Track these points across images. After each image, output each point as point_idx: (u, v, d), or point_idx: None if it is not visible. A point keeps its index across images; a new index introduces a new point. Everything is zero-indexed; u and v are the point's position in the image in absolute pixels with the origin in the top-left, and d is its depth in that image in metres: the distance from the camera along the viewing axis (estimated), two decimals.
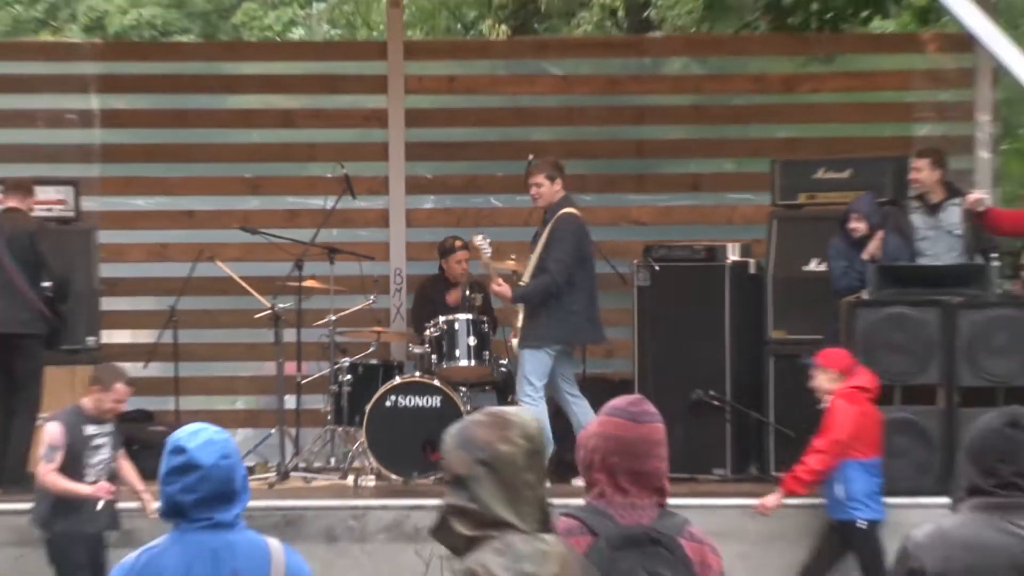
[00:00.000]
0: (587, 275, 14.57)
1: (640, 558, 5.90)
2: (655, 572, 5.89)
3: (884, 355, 14.01)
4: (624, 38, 24.11)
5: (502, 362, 15.26)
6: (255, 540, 6.18)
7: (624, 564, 5.89)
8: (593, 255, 14.67)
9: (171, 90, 19.40)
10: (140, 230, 17.93)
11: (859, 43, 20.86)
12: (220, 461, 6.14)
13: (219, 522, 6.11)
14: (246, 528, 6.18)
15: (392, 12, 18.90)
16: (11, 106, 18.40)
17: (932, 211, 14.93)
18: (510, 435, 5.27)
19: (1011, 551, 5.83)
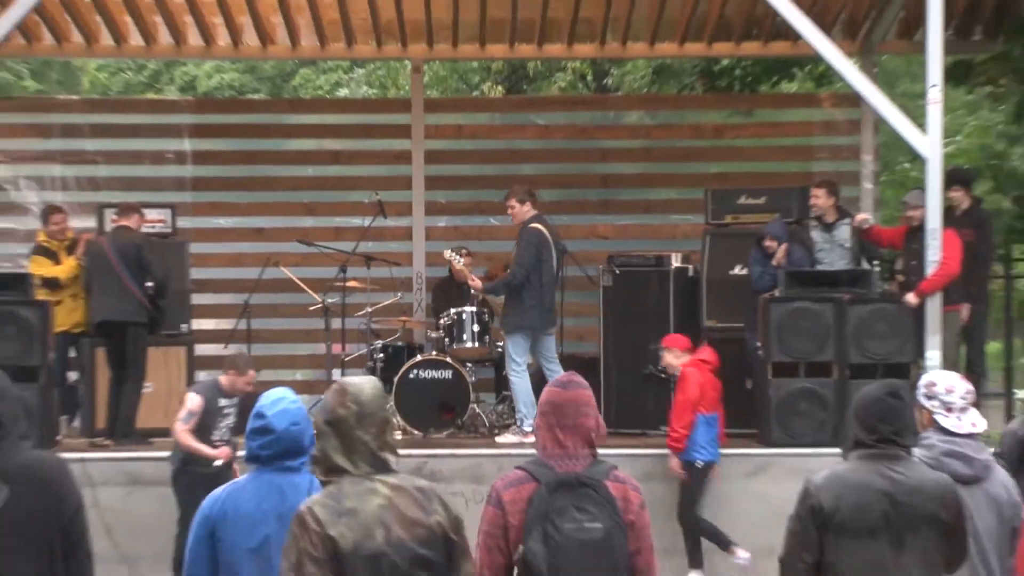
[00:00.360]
0: (544, 276, 14.51)
1: (571, 498, 6.05)
2: (582, 508, 6.03)
3: (791, 339, 14.18)
4: (591, 96, 24.08)
5: (498, 344, 15.18)
6: (314, 480, 6.39)
7: (559, 503, 6.01)
8: (551, 261, 14.59)
9: (245, 136, 19.54)
10: (222, 243, 18.01)
11: (771, 100, 20.99)
12: (291, 427, 6.35)
13: (288, 467, 6.35)
14: (309, 471, 6.39)
15: (414, 77, 18.92)
16: (124, 148, 18.61)
17: (828, 229, 15.17)
18: (345, 401, 5.61)
19: (886, 489, 6.17)
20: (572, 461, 6.20)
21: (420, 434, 14.61)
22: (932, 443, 6.86)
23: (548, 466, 6.19)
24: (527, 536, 6.05)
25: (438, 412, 14.78)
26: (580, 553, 6.05)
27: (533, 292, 14.49)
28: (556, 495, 6.09)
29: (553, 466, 6.18)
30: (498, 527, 6.19)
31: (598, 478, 6.18)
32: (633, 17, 17.43)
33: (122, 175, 17.99)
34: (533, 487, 6.13)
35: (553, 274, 14.69)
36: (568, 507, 6.06)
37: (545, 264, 14.52)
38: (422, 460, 13.77)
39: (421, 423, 14.62)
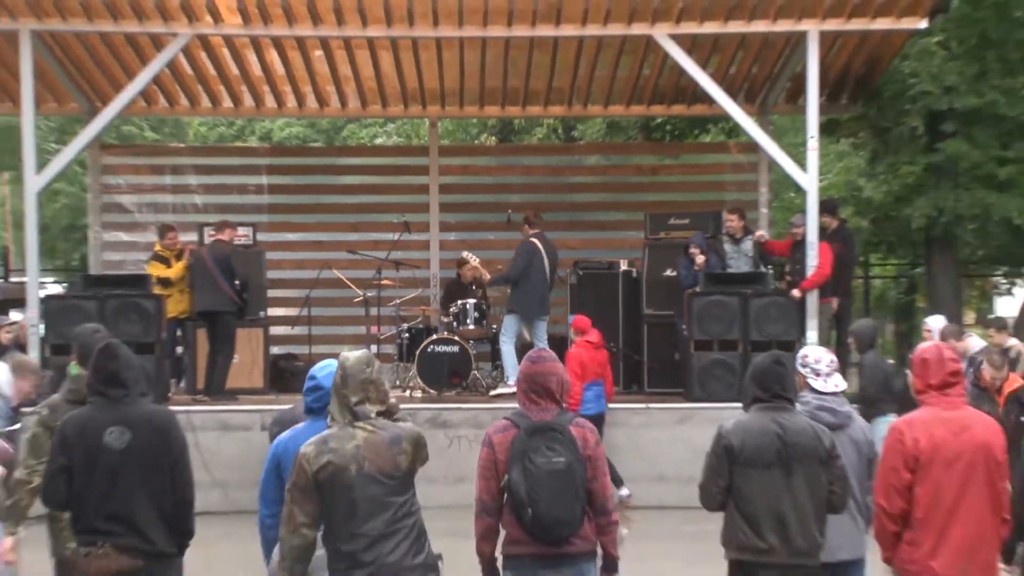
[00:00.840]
0: (535, 276, 14.55)
1: (543, 440, 6.13)
2: (551, 447, 6.12)
3: (708, 323, 14.18)
4: (561, 145, 24.04)
5: (493, 327, 15.16)
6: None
7: (534, 444, 6.13)
8: (543, 266, 14.60)
9: (307, 173, 19.61)
10: (289, 252, 17.96)
11: (693, 147, 20.91)
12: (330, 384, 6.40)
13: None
14: None
15: (431, 130, 18.96)
16: (217, 182, 18.56)
17: (736, 243, 15.20)
18: (337, 369, 5.85)
19: (778, 432, 6.22)
20: (543, 413, 6.30)
21: (435, 393, 14.55)
22: (807, 400, 6.90)
23: (526, 416, 6.30)
24: (510, 468, 6.17)
25: (448, 377, 14.72)
26: (549, 481, 6.13)
27: (526, 288, 14.56)
28: (532, 438, 6.20)
29: (529, 417, 6.29)
30: (490, 462, 6.31)
31: (563, 424, 6.27)
32: (592, 87, 17.52)
33: (216, 202, 17.89)
34: (515, 432, 6.25)
35: (544, 276, 14.69)
36: (541, 447, 6.18)
37: (536, 268, 14.57)
38: (437, 412, 13.87)
39: (436, 385, 14.57)
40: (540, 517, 6.15)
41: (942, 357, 6.52)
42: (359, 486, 5.64)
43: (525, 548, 6.26)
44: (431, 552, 5.79)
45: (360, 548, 5.65)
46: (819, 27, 14.19)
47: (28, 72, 14.33)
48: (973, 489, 6.29)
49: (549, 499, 6.15)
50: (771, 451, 6.29)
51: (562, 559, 6.29)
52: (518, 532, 6.25)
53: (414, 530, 5.74)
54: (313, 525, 5.69)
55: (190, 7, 14.20)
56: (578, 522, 6.24)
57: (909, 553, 6.34)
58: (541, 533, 6.19)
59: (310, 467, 5.64)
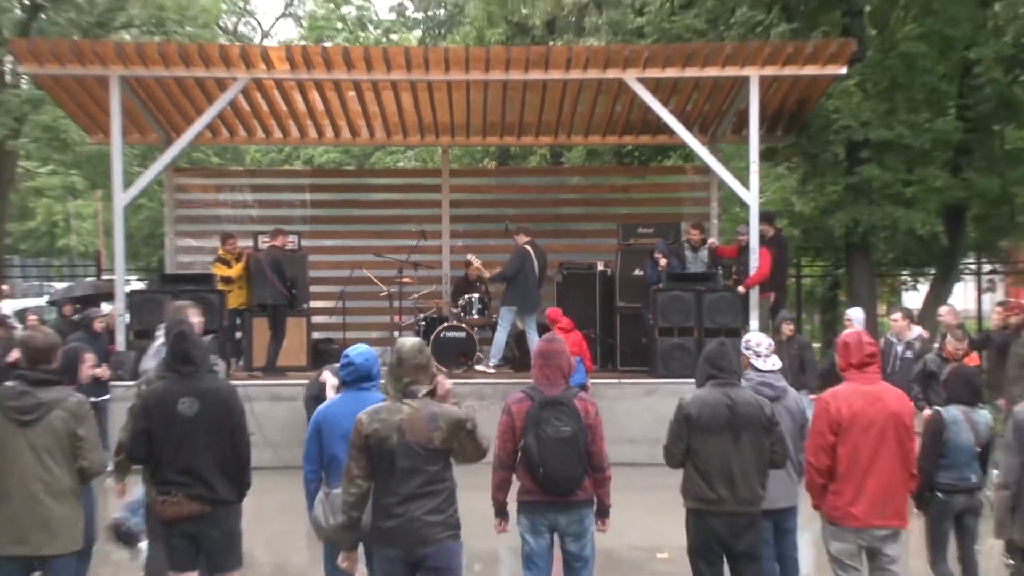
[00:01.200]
0: (526, 276, 14.46)
1: (553, 412, 6.22)
2: (560, 419, 6.21)
3: (670, 313, 14.14)
4: (550, 168, 23.91)
5: (494, 316, 15.08)
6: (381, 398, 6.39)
7: (545, 415, 6.22)
8: (533, 268, 14.52)
9: (342, 191, 19.50)
10: (327, 255, 17.82)
11: (657, 170, 20.86)
12: (363, 363, 6.35)
13: (362, 387, 6.32)
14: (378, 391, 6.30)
15: (443, 156, 18.92)
16: (269, 198, 18.57)
17: (694, 249, 15.16)
18: (392, 353, 5.79)
19: (727, 403, 6.22)
20: (553, 388, 6.40)
21: (446, 370, 14.35)
22: (750, 377, 6.91)
23: (539, 391, 6.38)
24: (525, 435, 6.28)
25: (457, 357, 14.72)
26: (557, 446, 6.26)
27: (519, 285, 14.48)
28: (544, 410, 6.31)
29: (542, 391, 6.38)
30: (508, 428, 6.41)
31: (569, 398, 6.37)
32: (574, 121, 17.49)
33: (267, 215, 17.83)
34: (529, 404, 6.35)
35: (534, 275, 14.58)
36: (550, 418, 6.30)
37: (527, 269, 14.49)
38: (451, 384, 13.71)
39: (447, 364, 14.44)
40: (550, 475, 6.27)
41: (861, 342, 6.58)
42: (398, 453, 5.61)
43: (537, 497, 6.39)
44: (454, 514, 5.72)
45: (393, 503, 5.62)
46: (759, 72, 14.25)
47: (116, 109, 14.46)
48: (885, 449, 6.35)
49: (557, 461, 6.26)
50: (722, 419, 6.29)
51: (567, 505, 6.42)
52: (531, 484, 6.37)
53: (441, 494, 5.66)
54: (366, 478, 5.67)
55: (247, 56, 14.52)
56: (580, 478, 6.36)
57: (833, 501, 6.41)
58: (550, 487, 6.31)
59: (363, 431, 5.64)
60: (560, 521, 6.42)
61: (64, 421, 5.94)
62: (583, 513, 6.45)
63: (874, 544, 6.42)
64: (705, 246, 15.33)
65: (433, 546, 5.64)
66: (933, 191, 17.13)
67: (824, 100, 16.33)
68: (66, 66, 14.38)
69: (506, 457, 6.42)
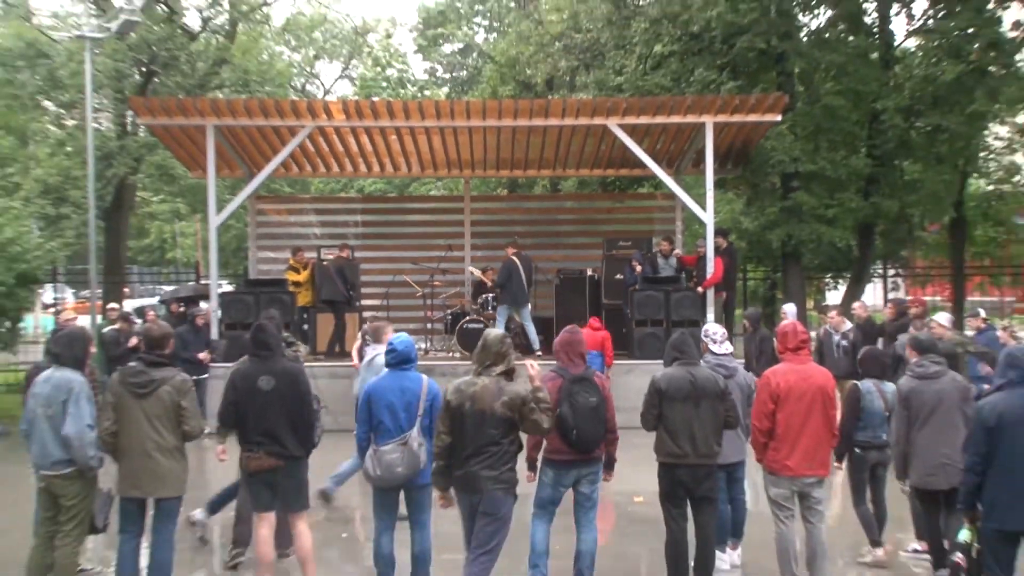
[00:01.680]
0: (516, 282, 14.23)
1: (580, 387, 6.18)
2: (586, 391, 6.18)
3: (644, 309, 14.10)
4: (549, 194, 23.76)
5: None
6: (418, 376, 6.26)
7: (575, 388, 6.15)
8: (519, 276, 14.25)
9: (385, 213, 19.29)
10: (375, 264, 17.55)
11: (634, 196, 20.64)
12: (404, 349, 6.31)
13: (403, 368, 6.27)
14: (416, 371, 6.34)
15: (465, 185, 18.87)
16: (330, 219, 18.40)
17: (664, 258, 15.02)
18: (481, 339, 5.90)
19: (690, 379, 6.21)
20: (577, 368, 6.36)
21: (469, 353, 14.19)
22: (708, 359, 6.92)
23: (565, 370, 6.34)
24: (561, 405, 6.17)
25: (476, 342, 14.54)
26: (586, 412, 6.22)
27: (508, 291, 14.31)
28: (574, 385, 6.25)
29: (568, 371, 6.33)
30: None
31: (591, 376, 6.35)
32: (568, 157, 17.42)
33: (328, 232, 17.79)
34: (561, 381, 6.26)
35: (521, 281, 14.31)
36: (580, 391, 6.27)
37: (515, 277, 14.27)
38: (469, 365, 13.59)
39: (468, 349, 14.26)
40: (582, 436, 6.22)
41: (796, 330, 6.61)
42: (468, 417, 5.64)
43: (566, 456, 6.34)
44: (508, 472, 5.68)
45: (462, 457, 5.66)
46: (713, 120, 14.19)
47: (211, 151, 14.49)
48: (813, 415, 6.35)
49: (587, 425, 6.22)
50: (686, 390, 6.28)
51: (589, 461, 6.40)
52: (559, 444, 6.30)
53: (499, 455, 5.64)
54: (448, 434, 5.71)
55: (313, 109, 14.60)
56: (601, 439, 6.34)
57: (773, 456, 6.41)
58: (581, 447, 6.27)
59: (447, 398, 5.75)
60: (584, 473, 6.40)
61: (171, 394, 6.03)
62: (597, 466, 6.44)
63: (804, 489, 6.42)
64: (673, 254, 15.24)
65: (484, 494, 5.64)
66: (848, 212, 17.19)
67: (763, 141, 16.31)
68: (173, 118, 14.45)
69: None
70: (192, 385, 6.25)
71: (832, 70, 17.78)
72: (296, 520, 6.42)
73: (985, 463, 5.44)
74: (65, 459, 6.04)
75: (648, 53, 18.42)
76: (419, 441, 6.16)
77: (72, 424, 5.95)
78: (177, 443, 6.10)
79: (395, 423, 6.17)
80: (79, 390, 6.02)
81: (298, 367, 6.63)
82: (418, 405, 6.19)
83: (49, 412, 6.03)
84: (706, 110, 14.16)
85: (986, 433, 5.43)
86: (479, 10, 33.97)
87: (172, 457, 6.06)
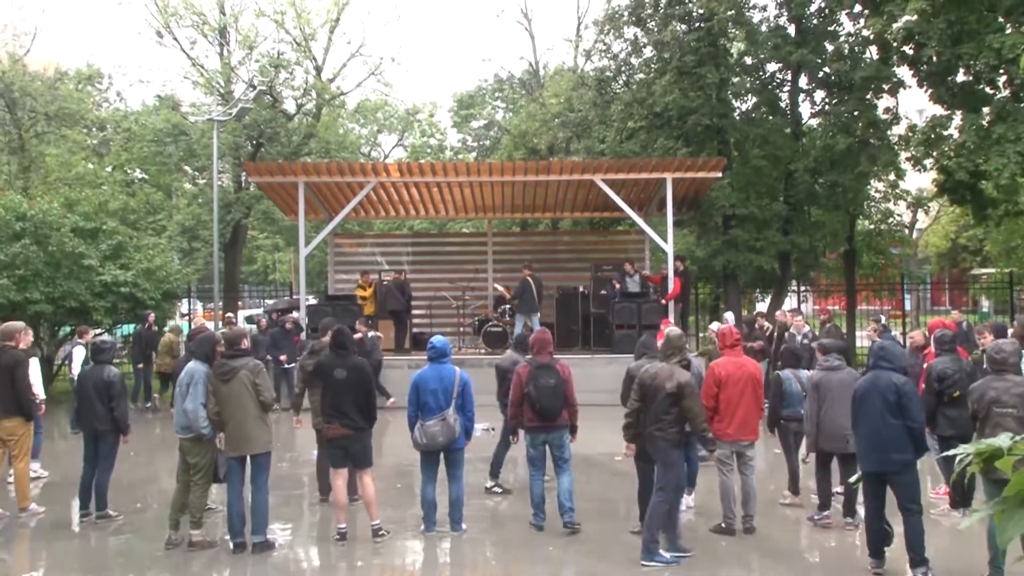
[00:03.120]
0: (530, 296, 14.08)
1: (544, 373, 6.10)
2: (547, 375, 6.09)
3: (622, 316, 13.89)
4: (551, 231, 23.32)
5: None
6: (452, 368, 6.22)
7: (538, 374, 6.08)
8: (532, 292, 14.07)
9: (429, 246, 19.10)
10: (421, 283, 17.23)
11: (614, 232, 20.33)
12: (442, 346, 6.28)
13: (441, 361, 6.24)
14: (451, 363, 6.32)
15: (488, 225, 18.62)
16: (386, 251, 18.30)
17: (629, 276, 14.83)
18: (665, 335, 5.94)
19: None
20: (543, 357, 6.29)
21: (491, 350, 14.23)
22: None
23: (535, 360, 6.28)
24: (528, 385, 6.18)
25: (497, 342, 14.39)
26: (547, 392, 6.18)
27: (524, 302, 14.16)
28: (538, 371, 6.21)
29: (536, 360, 6.27)
30: (518, 381, 6.31)
31: (553, 364, 6.28)
32: (564, 203, 17.33)
33: (388, 259, 17.73)
34: (529, 367, 6.24)
35: (532, 295, 14.16)
36: (542, 375, 6.18)
37: (528, 292, 14.14)
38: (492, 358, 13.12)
39: (491, 346, 14.31)
40: (543, 409, 6.17)
41: (732, 332, 6.55)
42: (649, 390, 5.68)
43: (536, 423, 6.27)
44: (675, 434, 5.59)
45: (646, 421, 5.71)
46: (672, 176, 14.10)
47: (301, 200, 14.46)
48: (746, 395, 6.33)
49: (547, 401, 6.15)
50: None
51: (553, 428, 6.30)
52: (531, 414, 6.25)
53: (667, 420, 5.61)
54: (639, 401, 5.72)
55: (375, 168, 14.78)
56: (560, 410, 6.23)
57: (717, 426, 6.33)
58: (543, 415, 6.20)
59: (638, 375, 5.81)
60: (549, 437, 6.30)
61: (248, 376, 5.99)
62: (562, 431, 6.33)
63: (740, 450, 6.39)
64: (637, 273, 14.93)
65: (654, 450, 5.66)
66: (772, 244, 17.08)
67: (709, 192, 16.21)
68: (274, 177, 14.50)
69: (517, 399, 6.33)
70: (263, 367, 6.22)
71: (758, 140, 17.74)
72: (362, 475, 6.40)
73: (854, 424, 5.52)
74: (187, 426, 6.10)
75: (623, 127, 18.41)
76: (454, 417, 6.14)
77: (190, 401, 6.05)
78: (259, 413, 6.02)
79: (436, 403, 6.17)
80: (199, 377, 6.11)
81: (364, 362, 6.60)
82: (452, 390, 6.17)
83: (182, 392, 6.11)
84: (666, 169, 14.11)
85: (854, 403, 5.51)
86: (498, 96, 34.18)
87: (257, 423, 6.01)
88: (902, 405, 5.23)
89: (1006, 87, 14.44)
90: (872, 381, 5.39)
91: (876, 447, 5.27)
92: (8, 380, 6.91)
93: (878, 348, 5.59)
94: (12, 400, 6.95)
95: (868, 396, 5.36)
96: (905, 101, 18.63)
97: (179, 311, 22.51)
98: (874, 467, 5.28)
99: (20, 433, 7.05)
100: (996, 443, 1.81)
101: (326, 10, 22.91)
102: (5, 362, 6.94)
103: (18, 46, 22.43)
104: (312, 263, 25.74)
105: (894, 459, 5.23)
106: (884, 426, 5.24)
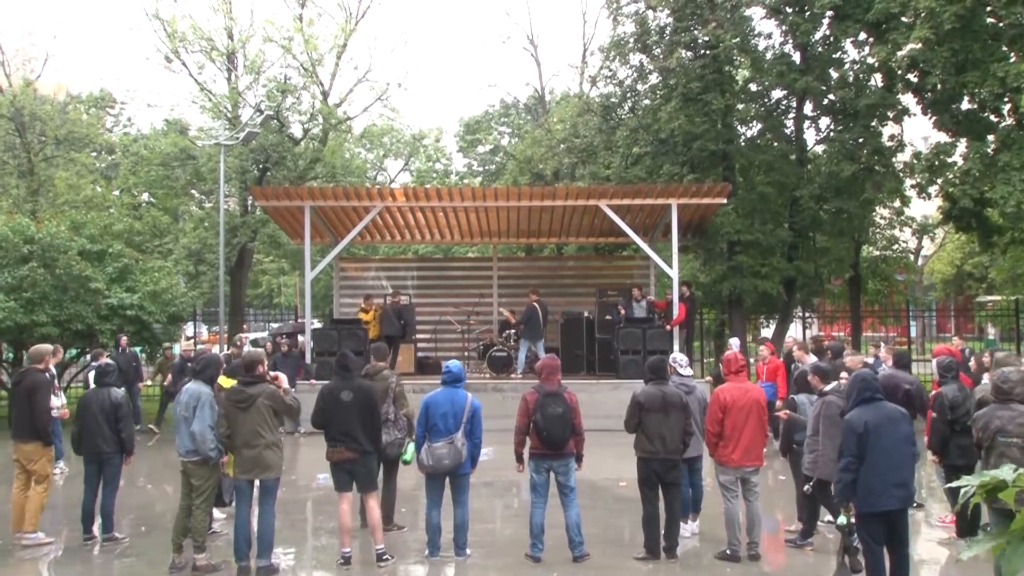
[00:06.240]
0: (535, 321, 14.00)
1: (551, 399, 6.07)
2: (556, 403, 6.05)
3: (627, 341, 13.80)
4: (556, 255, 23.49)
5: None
6: (465, 393, 6.21)
7: (546, 402, 6.04)
8: (538, 317, 14.00)
9: (435, 270, 19.16)
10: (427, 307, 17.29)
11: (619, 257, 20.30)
12: (457, 370, 6.26)
13: (454, 385, 6.24)
14: (464, 389, 6.32)
15: (493, 249, 18.77)
16: (391, 275, 18.30)
17: (636, 302, 14.73)
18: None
19: (660, 394, 6.14)
20: (551, 386, 6.24)
21: (496, 374, 14.26)
22: (675, 379, 6.78)
23: (543, 387, 6.23)
24: (535, 413, 6.13)
25: (502, 367, 14.39)
26: (555, 421, 6.14)
27: (529, 328, 14.08)
28: (546, 398, 6.17)
29: (544, 386, 6.23)
30: (525, 408, 6.25)
31: (561, 391, 6.23)
32: (570, 228, 17.36)
33: (393, 284, 17.64)
34: (537, 395, 6.18)
35: (538, 321, 14.10)
36: (550, 403, 6.15)
37: (534, 318, 14.07)
38: (497, 383, 13.57)
39: (496, 371, 14.29)
40: (550, 437, 6.12)
41: (737, 358, 6.56)
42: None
43: (542, 451, 6.22)
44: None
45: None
46: (677, 201, 14.16)
47: (307, 224, 14.51)
48: (751, 421, 6.31)
49: (555, 429, 6.12)
50: (658, 403, 6.21)
51: (559, 456, 6.24)
52: (538, 443, 6.20)
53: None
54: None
55: (381, 193, 14.80)
56: (568, 439, 6.19)
57: (721, 451, 6.35)
58: (551, 444, 6.16)
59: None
60: (554, 464, 6.25)
61: (264, 403, 5.97)
62: (568, 460, 6.28)
63: (745, 476, 6.36)
64: (644, 299, 14.84)
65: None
66: (776, 270, 17.12)
67: (714, 218, 16.28)
68: (280, 201, 14.60)
69: (523, 426, 6.25)
70: (278, 391, 6.14)
71: (763, 167, 17.87)
72: (367, 498, 6.41)
73: (859, 462, 4.97)
74: (193, 449, 6.12)
75: (629, 153, 18.58)
76: (462, 441, 6.15)
77: (197, 424, 6.06)
78: (274, 439, 6.03)
79: (445, 426, 6.18)
80: (205, 400, 6.14)
81: (370, 385, 6.61)
82: (463, 415, 6.19)
83: (186, 414, 6.17)
84: (672, 195, 14.18)
85: (857, 438, 4.98)
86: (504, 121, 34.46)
87: (270, 449, 6.00)
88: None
89: (1011, 115, 14.58)
90: (876, 414, 5.03)
91: (898, 483, 4.96)
92: (27, 403, 6.93)
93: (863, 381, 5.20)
94: (29, 423, 6.96)
95: (881, 430, 4.99)
96: (910, 128, 18.75)
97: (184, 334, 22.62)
98: (897, 504, 4.99)
99: (38, 458, 7.05)
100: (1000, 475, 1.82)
101: (333, 36, 23.24)
102: (26, 385, 6.99)
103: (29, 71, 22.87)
104: (317, 287, 25.78)
105: (912, 491, 5.12)
106: (906, 459, 5.01)
